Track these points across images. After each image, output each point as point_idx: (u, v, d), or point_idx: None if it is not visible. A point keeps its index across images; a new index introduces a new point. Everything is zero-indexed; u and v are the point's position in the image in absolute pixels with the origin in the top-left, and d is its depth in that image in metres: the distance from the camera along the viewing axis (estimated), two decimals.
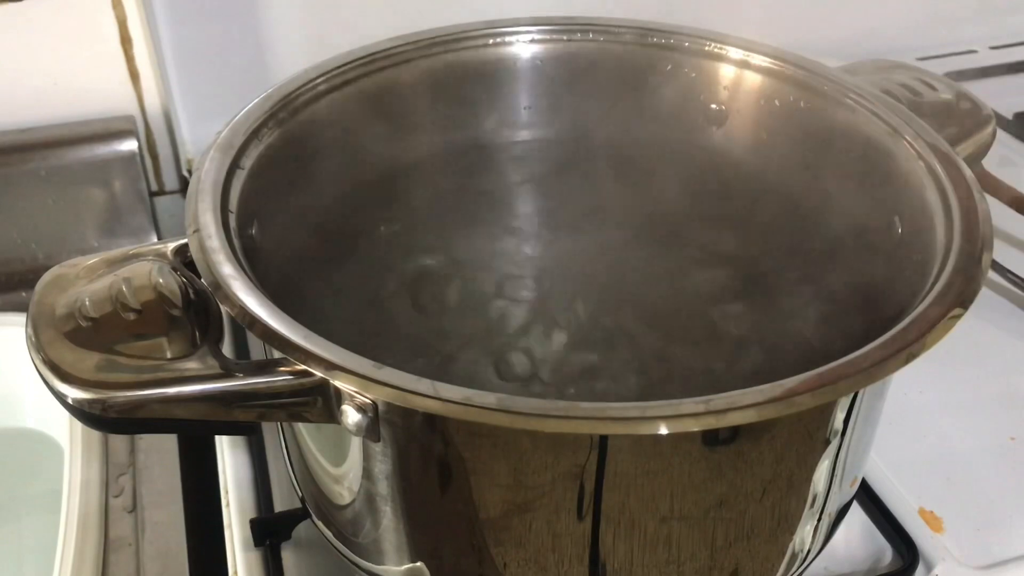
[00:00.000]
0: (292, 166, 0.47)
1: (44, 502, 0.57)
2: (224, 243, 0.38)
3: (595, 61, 0.54)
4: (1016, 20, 0.99)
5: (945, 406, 0.59)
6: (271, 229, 0.44)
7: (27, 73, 0.68)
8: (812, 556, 0.44)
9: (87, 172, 0.69)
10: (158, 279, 0.38)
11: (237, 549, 0.50)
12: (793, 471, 0.38)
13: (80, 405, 0.35)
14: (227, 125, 0.45)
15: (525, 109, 0.56)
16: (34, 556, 0.57)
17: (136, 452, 0.57)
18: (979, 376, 0.61)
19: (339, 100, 0.50)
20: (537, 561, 0.38)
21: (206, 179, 0.42)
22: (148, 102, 0.72)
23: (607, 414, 0.32)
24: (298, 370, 0.34)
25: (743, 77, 0.52)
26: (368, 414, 0.34)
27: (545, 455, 0.35)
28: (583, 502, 0.36)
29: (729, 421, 0.32)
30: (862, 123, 0.48)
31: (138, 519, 0.54)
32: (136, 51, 0.69)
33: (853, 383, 0.34)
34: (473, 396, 0.32)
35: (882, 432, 0.44)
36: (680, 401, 0.32)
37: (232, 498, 0.52)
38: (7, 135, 0.68)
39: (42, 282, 0.40)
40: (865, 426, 0.41)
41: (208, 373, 0.35)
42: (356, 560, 0.43)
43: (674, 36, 0.53)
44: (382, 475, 0.37)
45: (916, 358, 0.34)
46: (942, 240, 0.40)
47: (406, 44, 0.52)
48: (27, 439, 0.62)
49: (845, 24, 0.91)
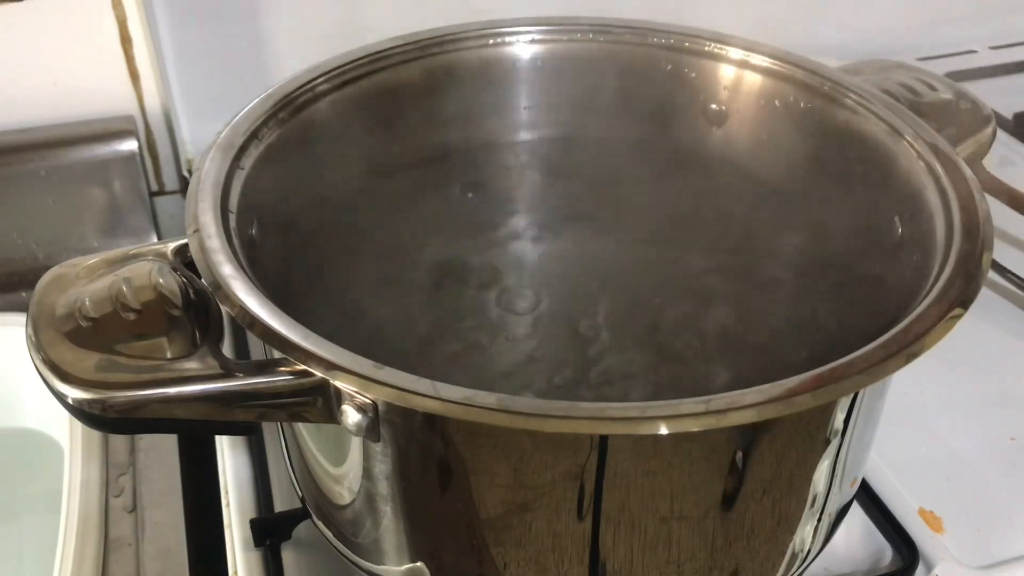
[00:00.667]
0: (292, 166, 0.47)
1: (44, 502, 0.57)
2: (224, 243, 0.38)
3: (595, 61, 0.54)
4: (1016, 20, 0.99)
5: (945, 406, 0.59)
6: (271, 229, 0.44)
7: (27, 73, 0.68)
8: (812, 556, 0.44)
9: (87, 172, 0.69)
10: (158, 279, 0.38)
11: (237, 549, 0.50)
12: (793, 471, 0.38)
13: (80, 405, 0.35)
14: (227, 125, 0.45)
15: (525, 109, 0.56)
16: (34, 556, 0.57)
17: (136, 452, 0.57)
18: (979, 376, 0.61)
19: (339, 100, 0.50)
20: (537, 561, 0.38)
21: (206, 179, 0.42)
22: (148, 102, 0.72)
23: (607, 414, 0.32)
24: (298, 370, 0.34)
25: (743, 77, 0.52)
26: (368, 414, 0.34)
27: (545, 455, 0.35)
28: (583, 502, 0.36)
29: (729, 421, 0.32)
30: (862, 123, 0.48)
31: (138, 519, 0.54)
32: (136, 51, 0.69)
33: (853, 383, 0.34)
34: (473, 396, 0.32)
35: (882, 432, 0.44)
36: (680, 401, 0.32)
37: (232, 498, 0.52)
38: (7, 135, 0.68)
39: (42, 282, 0.40)
40: (865, 426, 0.41)
41: (208, 373, 0.35)
42: (356, 560, 0.43)
43: (674, 36, 0.53)
44: (382, 475, 0.37)
45: (916, 358, 0.34)
46: (942, 240, 0.40)
47: (406, 44, 0.52)
48: (27, 439, 0.62)
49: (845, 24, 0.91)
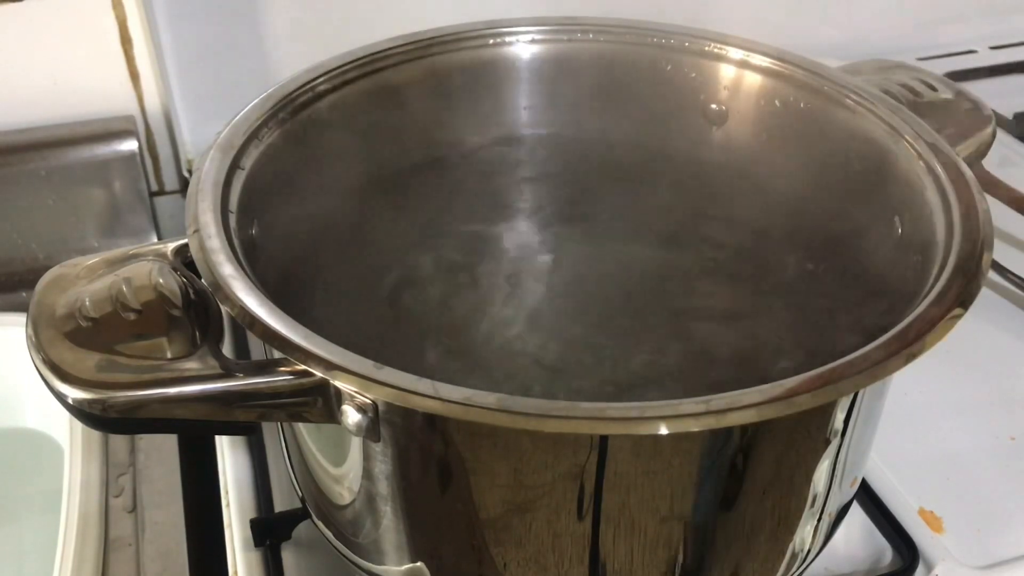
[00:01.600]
0: (292, 166, 0.47)
1: (44, 502, 0.57)
2: (224, 243, 0.38)
3: (595, 61, 0.54)
4: (1016, 20, 0.99)
5: (945, 406, 0.59)
6: (271, 229, 0.44)
7: (27, 73, 0.68)
8: (812, 556, 0.44)
9: (87, 172, 0.69)
10: (158, 279, 0.38)
11: (237, 549, 0.50)
12: (793, 471, 0.38)
13: (80, 405, 0.35)
14: (227, 125, 0.45)
15: (525, 109, 0.56)
16: (34, 556, 0.57)
17: (136, 452, 0.57)
18: (979, 376, 0.61)
19: (339, 100, 0.50)
20: (537, 561, 0.38)
21: (206, 179, 0.42)
22: (148, 102, 0.72)
23: (607, 414, 0.32)
24: (298, 370, 0.34)
25: (743, 77, 0.52)
26: (368, 414, 0.34)
27: (545, 455, 0.35)
28: (583, 502, 0.36)
29: (729, 421, 0.32)
30: (862, 123, 0.48)
31: (138, 519, 0.54)
32: (136, 51, 0.69)
33: (853, 383, 0.34)
34: (473, 396, 0.32)
35: (882, 432, 0.44)
36: (680, 401, 0.32)
37: (232, 498, 0.52)
38: (7, 135, 0.68)
39: (42, 282, 0.40)
40: (865, 426, 0.41)
41: (208, 373, 0.35)
42: (356, 560, 0.43)
43: (674, 36, 0.53)
44: (382, 475, 0.37)
45: (916, 358, 0.34)
46: (942, 240, 0.40)
47: (406, 44, 0.52)
48: (27, 439, 0.62)
49: (845, 24, 0.91)
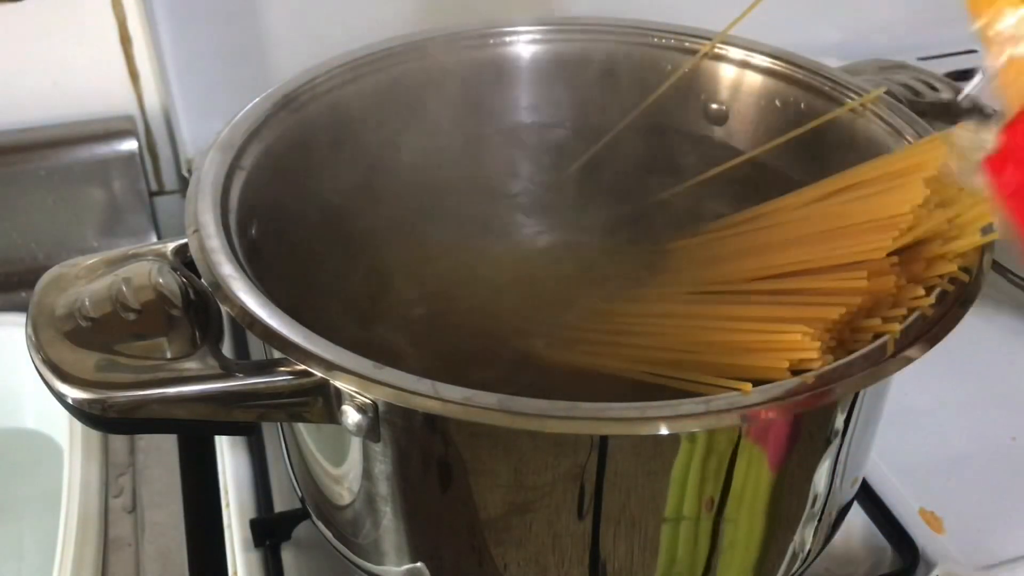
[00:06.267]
0: (292, 166, 0.47)
1: (44, 502, 0.57)
2: (224, 243, 0.38)
3: (595, 61, 0.54)
4: None
5: (945, 406, 0.59)
6: (271, 229, 0.44)
7: (27, 73, 0.68)
8: (812, 556, 0.44)
9: (87, 172, 0.69)
10: (158, 279, 0.38)
11: (237, 549, 0.50)
12: (793, 471, 0.38)
13: (80, 405, 0.35)
14: (227, 125, 0.45)
15: (525, 109, 0.56)
16: (34, 556, 0.57)
17: (136, 452, 0.57)
18: (979, 376, 0.61)
19: (339, 100, 0.50)
20: (537, 561, 0.38)
21: (206, 179, 0.42)
22: (148, 102, 0.72)
23: (607, 414, 0.32)
24: (298, 370, 0.34)
25: (743, 77, 0.52)
26: (368, 414, 0.34)
27: (545, 455, 0.35)
28: (583, 502, 0.36)
29: (729, 421, 0.32)
30: (862, 123, 0.48)
31: (138, 519, 0.54)
32: (136, 51, 0.69)
33: (853, 383, 0.34)
34: (473, 396, 0.32)
35: (882, 432, 0.44)
36: (680, 401, 0.32)
37: (232, 498, 0.52)
38: (7, 135, 0.68)
39: (42, 282, 0.40)
40: (866, 426, 0.41)
41: (208, 373, 0.35)
42: (356, 560, 0.43)
43: (674, 36, 0.53)
44: (382, 475, 0.37)
45: (916, 359, 0.34)
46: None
47: (406, 44, 0.52)
48: (27, 439, 0.62)
49: (845, 24, 0.91)
